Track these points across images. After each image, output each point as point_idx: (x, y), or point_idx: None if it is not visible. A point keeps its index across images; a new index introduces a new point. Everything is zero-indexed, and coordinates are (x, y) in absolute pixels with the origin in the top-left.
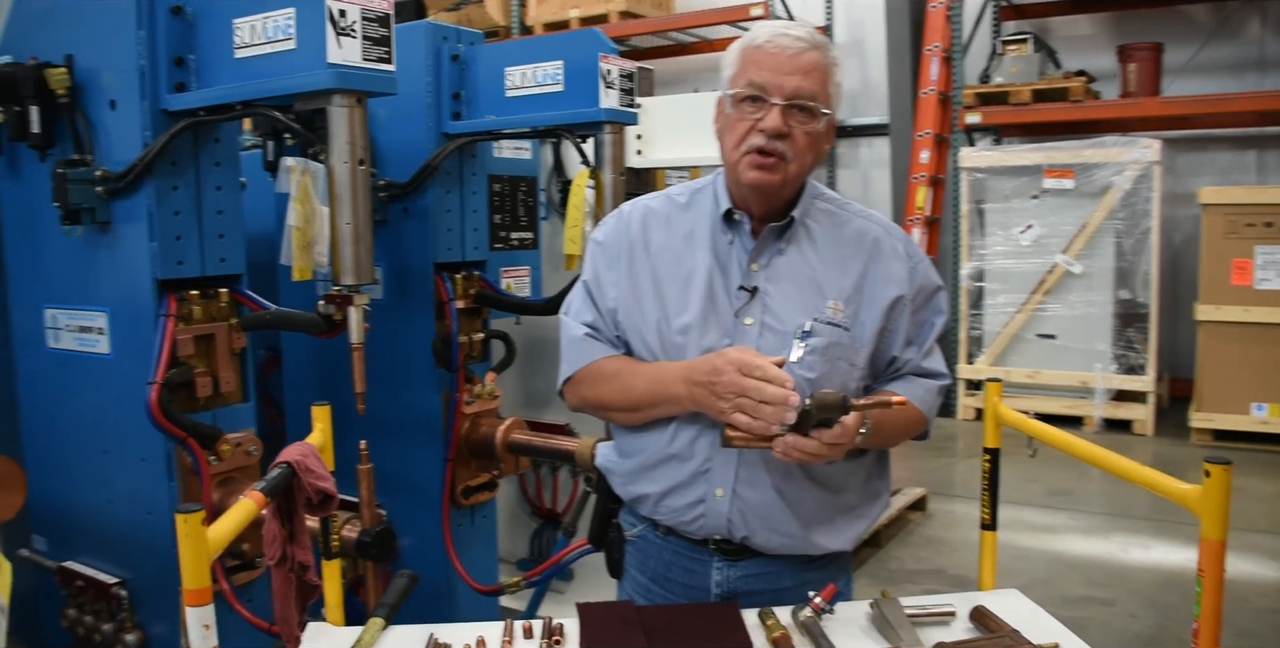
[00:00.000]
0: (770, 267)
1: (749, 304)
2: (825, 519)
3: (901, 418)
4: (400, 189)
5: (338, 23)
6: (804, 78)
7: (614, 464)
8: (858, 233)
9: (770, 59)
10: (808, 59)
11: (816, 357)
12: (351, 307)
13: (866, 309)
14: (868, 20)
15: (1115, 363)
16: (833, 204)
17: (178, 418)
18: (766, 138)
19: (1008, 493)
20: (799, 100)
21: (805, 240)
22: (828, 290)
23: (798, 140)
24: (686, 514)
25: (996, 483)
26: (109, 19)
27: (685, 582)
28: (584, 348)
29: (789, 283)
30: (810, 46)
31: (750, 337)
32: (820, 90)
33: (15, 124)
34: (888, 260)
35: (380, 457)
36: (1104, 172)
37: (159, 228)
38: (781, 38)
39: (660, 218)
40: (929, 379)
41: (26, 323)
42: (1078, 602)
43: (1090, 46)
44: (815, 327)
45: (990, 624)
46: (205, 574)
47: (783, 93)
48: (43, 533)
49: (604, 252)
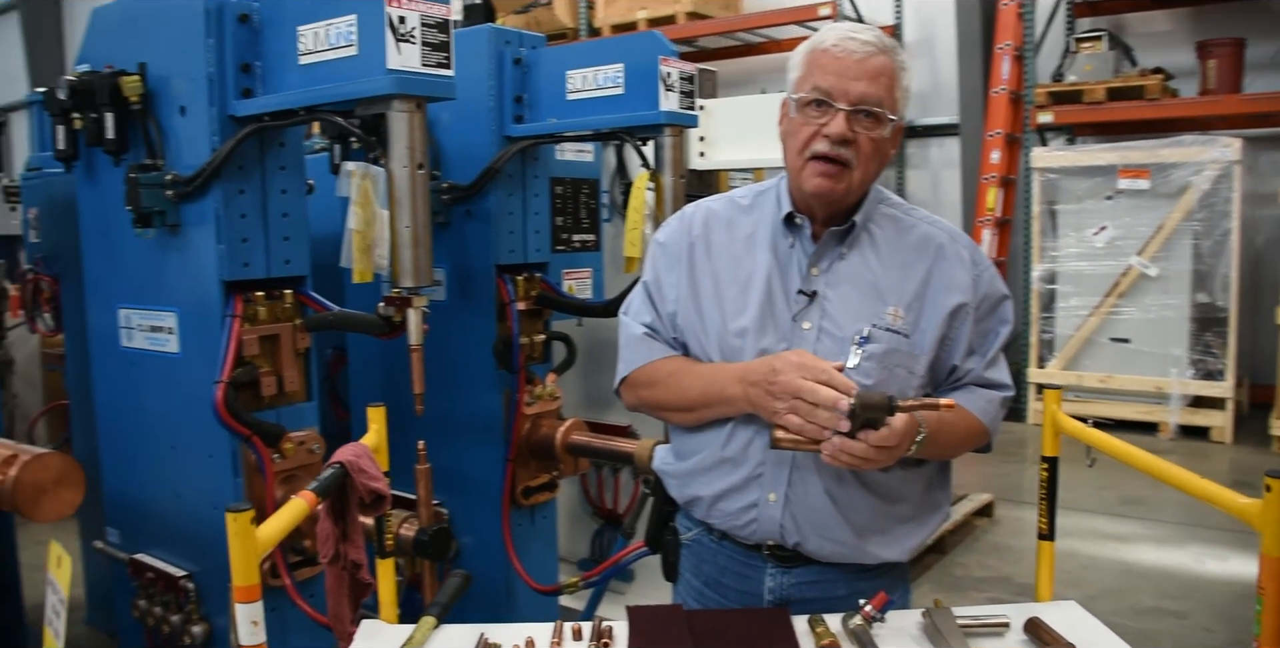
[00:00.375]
0: (831, 271)
1: (807, 308)
2: (880, 529)
3: (960, 429)
4: (463, 192)
5: (397, 29)
6: (870, 82)
7: (669, 466)
8: (922, 239)
9: (836, 63)
10: (875, 63)
11: (874, 363)
12: (410, 309)
13: (928, 316)
14: (938, 19)
15: (1192, 368)
16: (898, 209)
17: (242, 416)
18: (831, 144)
19: (1079, 501)
20: (865, 106)
21: (867, 245)
22: (888, 296)
23: (862, 147)
24: (739, 519)
25: (1055, 492)
26: (179, 28)
27: (738, 587)
28: (641, 348)
29: (849, 288)
30: (878, 50)
31: (808, 341)
32: (886, 96)
33: (92, 130)
34: (951, 267)
35: (442, 456)
36: (1181, 171)
37: (225, 230)
38: (848, 41)
39: (722, 220)
40: (991, 390)
41: (102, 323)
42: (1148, 614)
43: (1168, 43)
44: (874, 333)
45: (1045, 637)
46: (254, 571)
47: (848, 98)
48: (116, 526)
49: (665, 253)
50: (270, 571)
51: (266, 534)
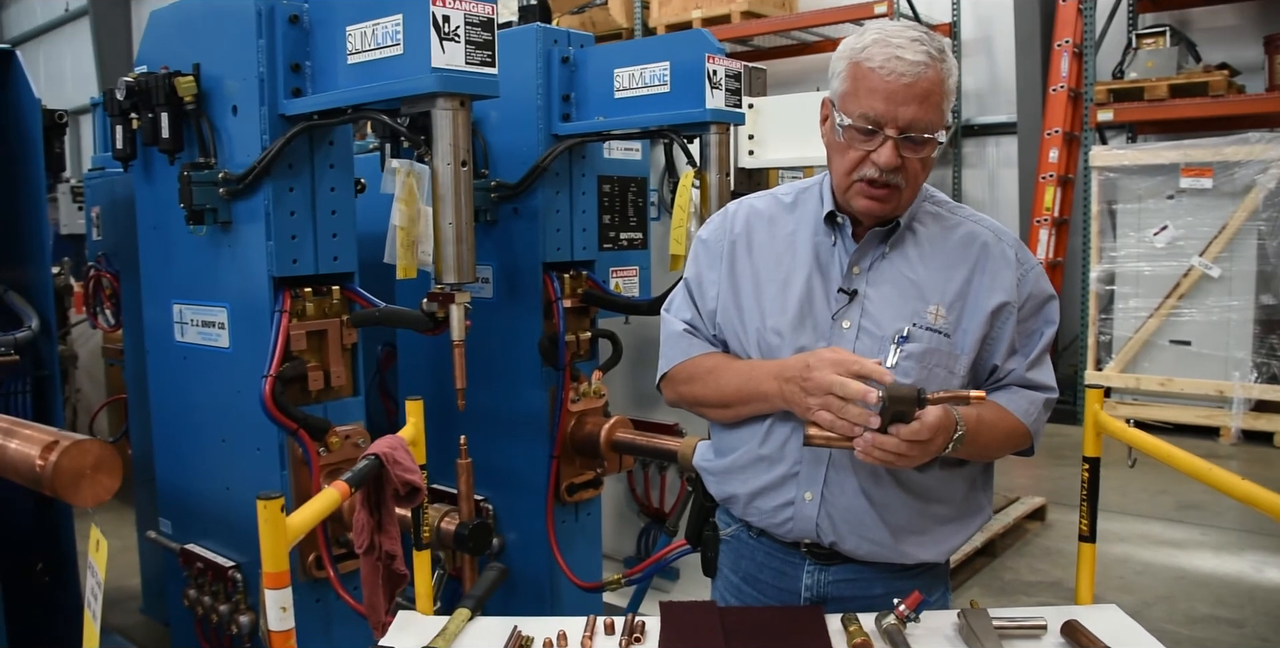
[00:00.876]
0: (872, 270)
1: (848, 307)
2: (918, 529)
3: (1001, 429)
4: (510, 190)
5: (441, 28)
6: (919, 107)
7: (708, 463)
8: (966, 237)
9: (884, 86)
10: (923, 85)
11: (913, 363)
12: (453, 305)
13: (970, 316)
14: (996, 16)
15: (1255, 372)
16: (942, 207)
17: (290, 410)
18: (880, 171)
19: (1134, 505)
20: (914, 132)
21: (910, 244)
22: (930, 295)
23: (910, 169)
24: (776, 517)
25: (1096, 493)
26: (232, 29)
27: (776, 584)
28: (681, 344)
29: (890, 287)
30: (925, 66)
31: (847, 340)
32: (936, 116)
33: (148, 130)
34: (996, 266)
35: (487, 452)
36: (1246, 170)
37: (275, 227)
38: (895, 62)
39: (764, 218)
40: (1035, 392)
41: (157, 317)
42: (1203, 621)
43: (1234, 38)
44: (913, 332)
45: (1083, 640)
46: (283, 558)
47: (897, 125)
48: (169, 516)
49: (707, 251)
50: (315, 562)
51: (297, 523)
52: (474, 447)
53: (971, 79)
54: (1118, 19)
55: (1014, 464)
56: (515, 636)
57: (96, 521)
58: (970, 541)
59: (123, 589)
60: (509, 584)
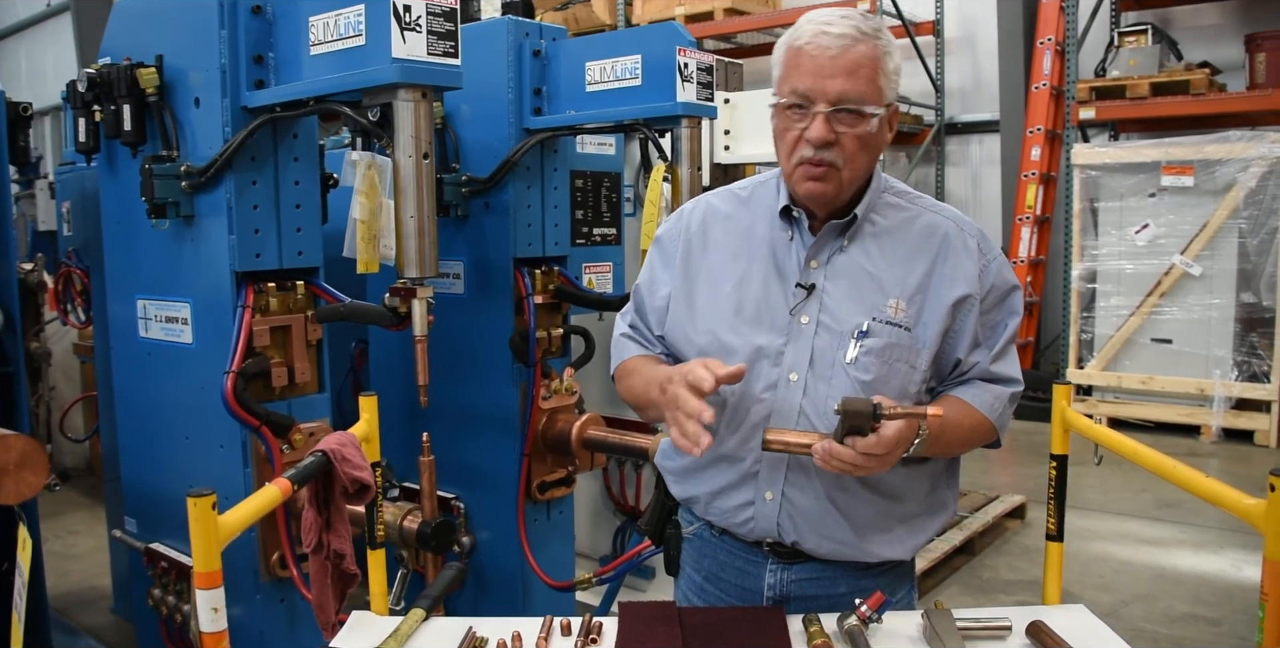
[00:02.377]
0: (830, 264)
1: (805, 302)
2: (881, 527)
3: (965, 427)
4: (481, 184)
5: (402, 18)
6: (848, 79)
7: (669, 463)
8: (927, 228)
9: (811, 62)
10: (852, 57)
11: (873, 358)
12: (415, 300)
13: (930, 308)
14: (979, 15)
15: (1236, 370)
16: (902, 198)
17: (252, 407)
18: (814, 148)
19: (1115, 503)
20: (845, 104)
21: (869, 237)
22: (889, 289)
23: (847, 146)
24: (737, 516)
25: (1064, 492)
26: (194, 19)
27: (738, 583)
28: (619, 347)
29: (848, 281)
30: (854, 40)
31: (805, 335)
32: (869, 89)
33: (111, 122)
34: (957, 257)
35: (458, 450)
36: (1227, 168)
37: (237, 221)
38: (821, 36)
39: (721, 215)
40: (999, 385)
41: (121, 313)
42: (1181, 620)
43: (1216, 36)
44: (873, 326)
45: (1047, 641)
46: (215, 558)
47: (826, 98)
48: (134, 515)
49: (661, 251)
50: (279, 562)
51: (231, 521)
52: (445, 444)
53: (955, 77)
54: (1100, 17)
55: (994, 463)
56: (469, 637)
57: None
58: (948, 539)
59: (94, 589)
60: (480, 584)
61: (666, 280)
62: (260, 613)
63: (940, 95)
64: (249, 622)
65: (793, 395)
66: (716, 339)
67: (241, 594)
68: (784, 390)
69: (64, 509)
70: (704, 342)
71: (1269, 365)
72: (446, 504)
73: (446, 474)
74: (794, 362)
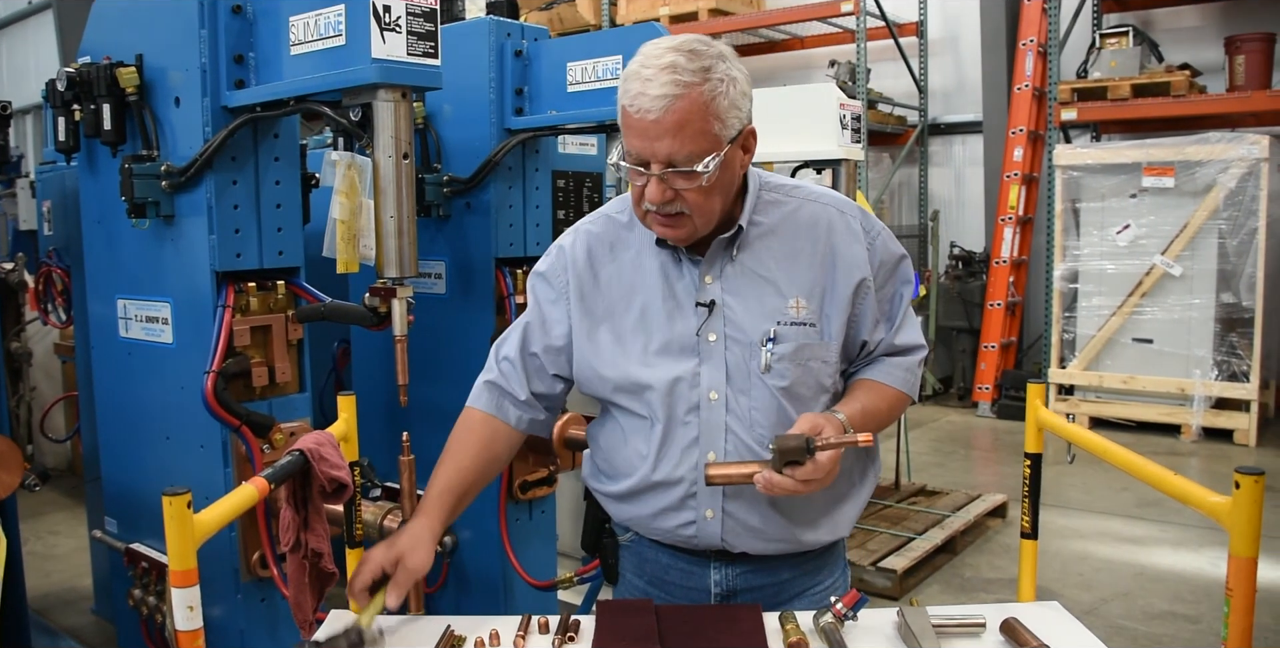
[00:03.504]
0: (724, 277)
1: (709, 320)
2: (821, 513)
3: (883, 410)
4: (463, 184)
5: (382, 19)
6: (673, 140)
7: (601, 487)
8: (810, 220)
9: (637, 124)
10: (673, 116)
11: (786, 363)
12: (395, 299)
13: (831, 301)
14: (963, 15)
15: (1216, 369)
16: (779, 193)
17: (232, 406)
18: (656, 206)
19: (1097, 502)
20: (674, 166)
21: (757, 241)
22: (787, 289)
23: (689, 198)
24: (680, 533)
25: (1038, 490)
26: (174, 19)
27: (684, 584)
28: (475, 391)
29: (747, 291)
30: (674, 97)
31: (717, 353)
32: (699, 146)
33: (90, 121)
34: (846, 244)
35: (439, 449)
36: (1207, 169)
37: (218, 221)
38: (640, 99)
39: (605, 244)
40: (905, 356)
41: (102, 313)
42: (1160, 617)
43: (1196, 39)
44: (780, 331)
45: (1019, 638)
46: (190, 556)
47: (657, 159)
48: (114, 515)
49: (548, 286)
50: (260, 561)
51: (207, 520)
52: (427, 444)
53: (938, 78)
54: (1082, 18)
55: (976, 462)
56: (447, 635)
57: (52, 520)
58: (930, 538)
59: (75, 590)
60: (461, 583)
61: (559, 318)
62: (241, 613)
63: (924, 96)
64: (230, 621)
65: (716, 414)
66: (628, 376)
67: (222, 594)
68: (707, 411)
69: (45, 510)
70: (616, 377)
71: (1248, 365)
72: None
73: (428, 473)
74: (711, 381)
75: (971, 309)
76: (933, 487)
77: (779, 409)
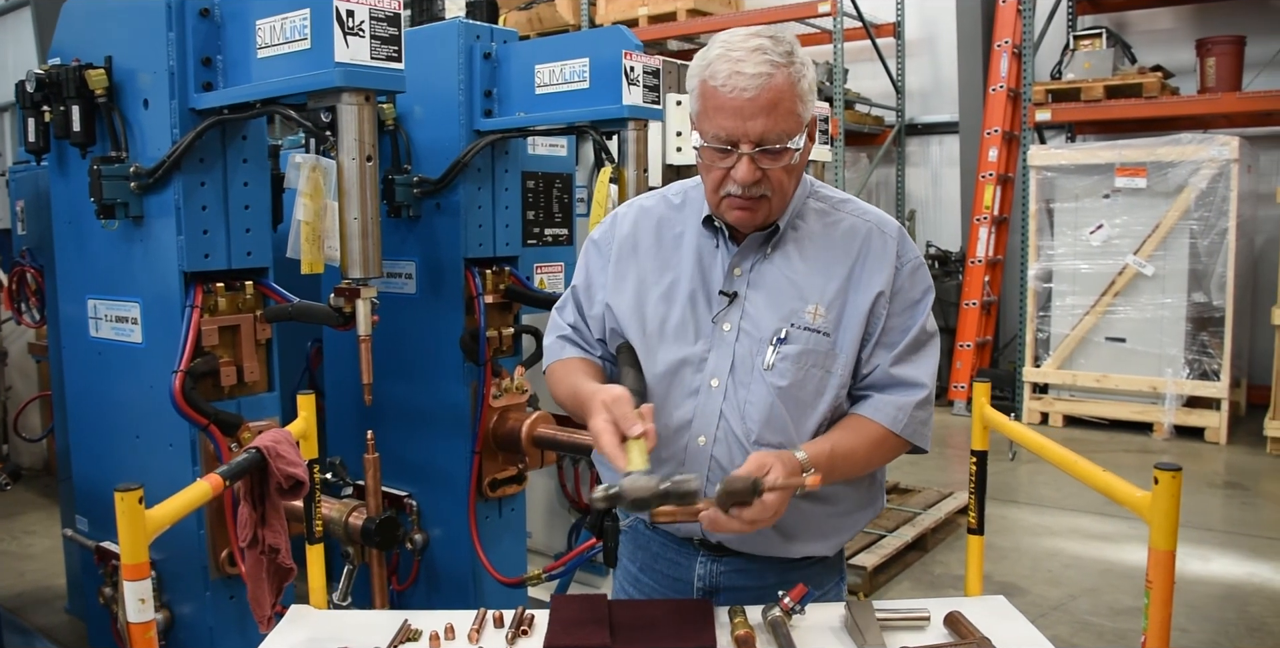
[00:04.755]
0: (754, 272)
1: (728, 310)
2: (806, 530)
3: (860, 453)
4: (432, 185)
5: (345, 23)
6: (768, 118)
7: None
8: (848, 232)
9: (730, 103)
10: (770, 95)
11: (789, 364)
12: (360, 300)
13: (850, 313)
14: (940, 16)
15: (1188, 368)
16: (826, 203)
17: (200, 405)
18: (742, 187)
19: (1067, 500)
20: (767, 144)
21: (791, 243)
22: (809, 295)
23: (774, 178)
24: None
25: (984, 485)
26: (142, 21)
27: (670, 574)
28: (554, 349)
29: (770, 288)
30: (768, 75)
31: (727, 342)
32: (789, 123)
33: (60, 123)
34: (876, 259)
35: (410, 448)
36: (1179, 170)
37: (186, 222)
38: (736, 78)
39: (653, 217)
40: (901, 394)
41: (72, 313)
42: (1126, 613)
43: (1169, 41)
44: (791, 333)
45: (962, 630)
46: (142, 550)
47: (749, 139)
48: (85, 514)
49: (598, 252)
50: (228, 559)
51: (159, 515)
52: (397, 443)
53: (915, 78)
54: (1056, 20)
55: (949, 460)
56: (404, 629)
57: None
58: (901, 535)
59: (49, 589)
60: (432, 580)
61: (603, 283)
62: (210, 610)
63: (901, 97)
64: (199, 619)
65: (713, 400)
66: (648, 343)
67: (191, 592)
68: (705, 396)
69: (20, 510)
70: (639, 344)
71: (1219, 364)
72: (399, 502)
73: (399, 472)
74: (715, 368)
75: (947, 308)
76: (905, 484)
77: (772, 407)
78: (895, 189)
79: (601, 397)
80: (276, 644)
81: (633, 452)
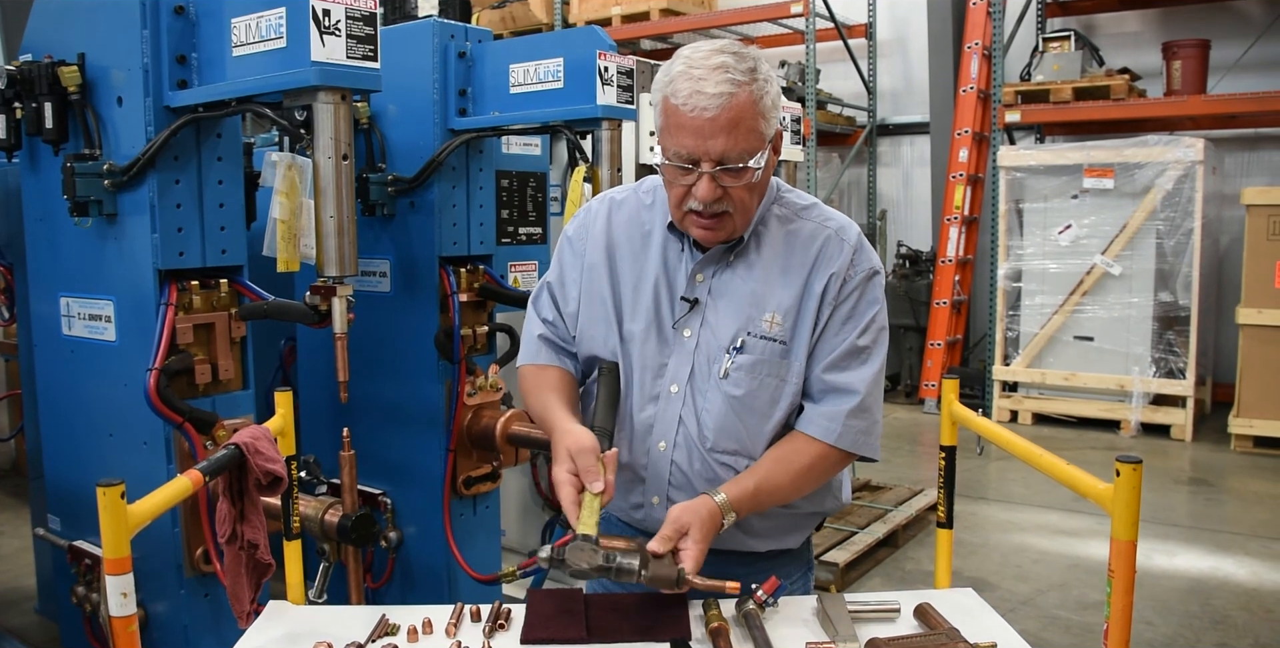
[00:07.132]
0: (715, 279)
1: (688, 316)
2: (765, 526)
3: (787, 480)
4: (407, 184)
5: (321, 22)
6: (729, 137)
7: None
8: (807, 239)
9: (691, 123)
10: (729, 114)
11: (743, 373)
12: (335, 298)
13: (804, 319)
14: (911, 18)
15: (1154, 366)
16: (790, 209)
17: (175, 403)
18: (703, 205)
19: (1036, 496)
20: (727, 163)
21: (753, 251)
22: (767, 303)
23: (735, 196)
24: (631, 514)
25: (953, 480)
26: (116, 18)
27: None
28: (531, 347)
29: (730, 297)
30: (729, 94)
31: (687, 349)
32: (751, 143)
33: (32, 120)
34: (826, 265)
35: (385, 446)
36: (1146, 171)
37: (160, 220)
38: (697, 97)
39: (625, 213)
40: (832, 403)
41: (44, 311)
42: (1093, 607)
43: (1136, 44)
44: (747, 342)
45: (931, 621)
46: (124, 545)
47: (710, 158)
48: (57, 513)
49: (571, 248)
50: (203, 557)
51: (140, 511)
52: (372, 440)
53: (887, 79)
54: (1026, 22)
55: (920, 458)
56: (382, 623)
57: None
58: (872, 532)
59: (19, 590)
60: (407, 578)
61: (575, 279)
62: (184, 608)
63: (872, 97)
64: (173, 617)
65: (673, 406)
66: (611, 344)
67: (166, 590)
68: (665, 401)
69: None
70: (608, 340)
71: (1185, 363)
72: (374, 500)
73: (374, 470)
74: (675, 374)
75: (918, 307)
76: (877, 482)
77: (727, 416)
78: (866, 189)
79: (567, 444)
80: (254, 640)
81: (585, 511)
